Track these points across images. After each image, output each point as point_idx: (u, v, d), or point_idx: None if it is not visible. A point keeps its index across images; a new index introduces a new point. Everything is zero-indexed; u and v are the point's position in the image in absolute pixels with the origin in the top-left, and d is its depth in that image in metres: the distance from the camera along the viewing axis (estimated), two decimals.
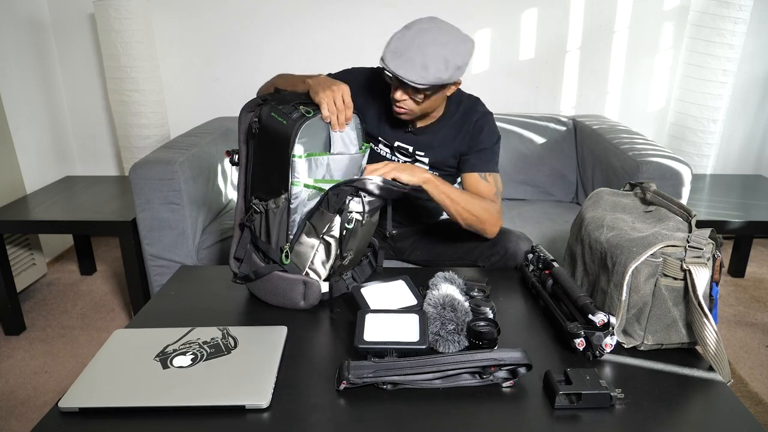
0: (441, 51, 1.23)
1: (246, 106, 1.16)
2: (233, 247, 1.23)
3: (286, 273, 1.14)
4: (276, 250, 1.15)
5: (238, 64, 2.66)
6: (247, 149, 1.17)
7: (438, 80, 1.24)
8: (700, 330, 0.95)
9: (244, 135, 1.16)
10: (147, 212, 1.82)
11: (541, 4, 2.55)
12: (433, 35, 1.24)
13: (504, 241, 1.46)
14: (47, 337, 2.06)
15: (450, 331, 0.98)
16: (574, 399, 0.85)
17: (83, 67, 2.69)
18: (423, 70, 1.22)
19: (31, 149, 2.51)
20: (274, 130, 1.09)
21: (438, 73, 1.23)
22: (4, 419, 1.64)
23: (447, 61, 1.24)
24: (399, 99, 1.32)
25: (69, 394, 0.86)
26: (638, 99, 2.71)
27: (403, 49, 1.23)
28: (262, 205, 1.14)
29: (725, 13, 2.32)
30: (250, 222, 1.17)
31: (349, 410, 0.86)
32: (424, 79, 1.23)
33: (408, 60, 1.22)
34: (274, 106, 1.11)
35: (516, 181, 2.35)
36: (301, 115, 1.08)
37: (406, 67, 1.22)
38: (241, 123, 1.16)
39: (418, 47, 1.23)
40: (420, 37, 1.24)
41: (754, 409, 1.68)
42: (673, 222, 1.04)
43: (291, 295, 1.14)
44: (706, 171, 2.56)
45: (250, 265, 1.18)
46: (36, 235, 2.40)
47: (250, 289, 1.21)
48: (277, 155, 1.09)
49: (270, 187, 1.13)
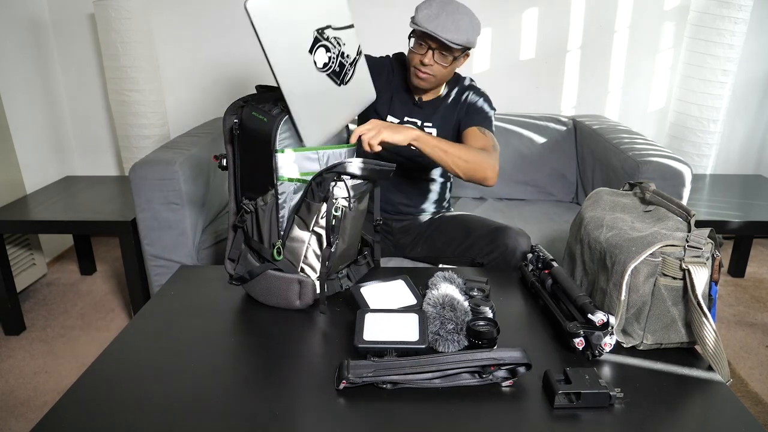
0: (466, 17, 1.41)
1: (229, 109, 1.16)
2: (227, 248, 1.23)
3: (281, 272, 1.14)
4: (268, 248, 1.15)
5: (238, 64, 2.66)
6: (233, 151, 1.17)
7: (468, 41, 1.42)
8: (699, 329, 0.95)
9: (228, 137, 1.17)
10: (147, 212, 1.82)
11: (541, 4, 2.55)
12: (455, 6, 1.42)
13: (503, 237, 1.47)
14: (47, 337, 2.06)
15: (449, 330, 0.98)
16: (573, 398, 0.85)
17: (83, 67, 2.69)
18: (457, 31, 1.39)
19: (31, 149, 2.51)
20: (255, 128, 1.10)
21: (468, 34, 1.41)
22: (4, 419, 1.64)
23: (473, 26, 1.42)
24: (428, 63, 1.45)
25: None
26: (638, 99, 2.70)
27: (434, 15, 1.39)
28: (251, 205, 1.14)
29: (725, 13, 2.32)
30: (242, 222, 1.17)
31: (349, 410, 0.86)
32: (459, 38, 1.40)
33: (442, 23, 1.38)
34: (254, 106, 1.11)
35: (516, 181, 2.35)
36: (281, 110, 1.09)
37: (442, 28, 1.38)
38: (225, 125, 1.17)
39: (448, 14, 1.39)
40: (447, 7, 1.40)
41: (754, 409, 1.67)
42: (672, 222, 1.04)
43: (287, 294, 1.14)
44: (706, 171, 2.56)
45: (245, 265, 1.18)
46: (36, 235, 2.40)
47: (247, 290, 1.21)
48: (260, 153, 1.10)
49: (257, 186, 1.13)
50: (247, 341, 1.06)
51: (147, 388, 0.91)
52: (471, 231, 1.56)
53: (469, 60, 2.61)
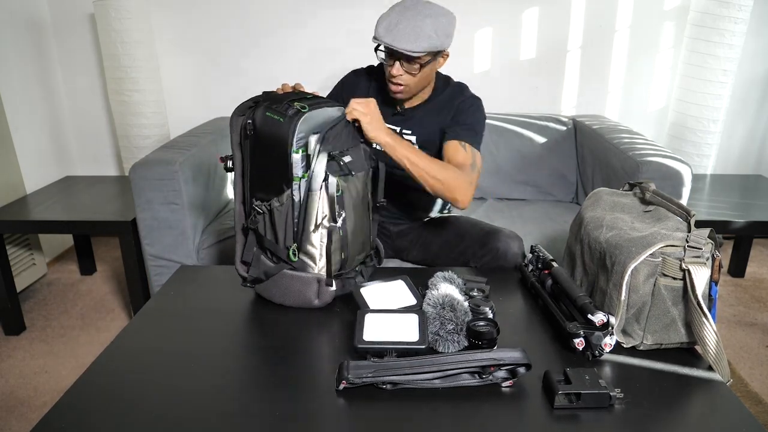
0: (427, 21, 1.35)
1: (237, 110, 1.16)
2: (238, 252, 1.22)
3: (298, 272, 1.13)
4: (284, 248, 1.14)
5: (238, 64, 2.66)
6: (241, 152, 1.17)
7: (431, 46, 1.35)
8: (699, 329, 0.95)
9: (238, 139, 1.16)
10: (147, 212, 1.82)
11: (541, 4, 2.55)
12: (417, 10, 1.36)
13: (494, 240, 1.47)
14: (47, 337, 2.06)
15: (449, 330, 0.98)
16: (573, 399, 0.85)
17: (83, 67, 2.69)
18: (415, 39, 1.33)
19: (31, 149, 2.51)
20: (271, 128, 1.10)
21: (429, 40, 1.35)
22: (4, 419, 1.64)
23: (435, 29, 1.36)
24: (395, 74, 1.40)
25: None
26: (638, 99, 2.70)
27: (393, 24, 1.35)
28: (264, 206, 1.14)
29: (725, 13, 2.32)
30: (254, 224, 1.17)
31: (349, 410, 0.86)
32: (418, 46, 1.34)
33: (399, 32, 1.33)
34: (268, 106, 1.11)
35: (516, 181, 2.35)
36: (296, 111, 1.09)
37: (399, 39, 1.33)
38: (233, 127, 1.16)
39: (408, 20, 1.34)
40: (406, 13, 1.35)
41: (754, 409, 1.67)
42: (672, 222, 1.04)
43: (305, 294, 1.13)
44: (706, 171, 2.56)
45: (259, 267, 1.17)
46: (36, 235, 2.40)
47: (259, 292, 1.19)
48: (276, 153, 1.09)
49: (271, 186, 1.13)
50: (247, 341, 1.06)
51: (147, 388, 0.91)
52: (464, 234, 1.55)
53: (470, 60, 2.62)
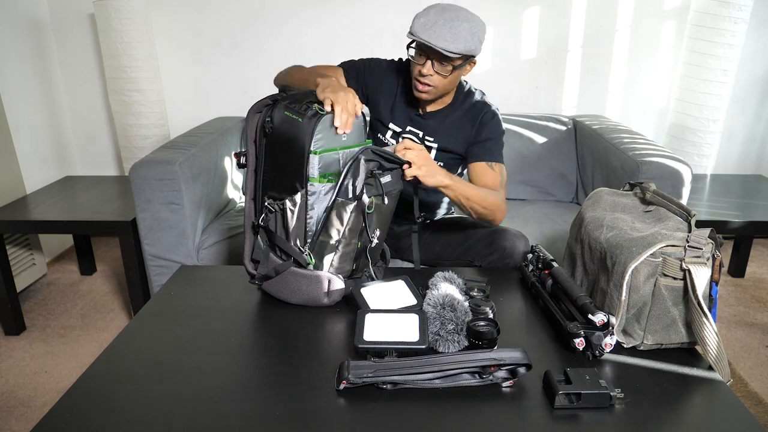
0: (465, 24, 1.35)
1: (254, 107, 1.16)
2: (247, 250, 1.22)
3: (308, 270, 1.14)
4: (296, 248, 1.14)
5: (238, 64, 2.66)
6: (256, 149, 1.17)
7: (467, 49, 1.35)
8: (700, 330, 0.95)
9: (254, 135, 1.16)
10: (147, 212, 1.82)
11: (541, 4, 2.55)
12: (455, 12, 1.36)
13: (500, 239, 1.47)
14: (47, 337, 2.06)
15: (450, 330, 0.98)
16: (573, 399, 0.85)
17: (83, 67, 2.69)
18: (453, 40, 1.33)
19: (31, 149, 2.51)
20: (289, 128, 1.10)
21: (466, 42, 1.34)
22: (4, 419, 1.64)
23: (472, 33, 1.35)
24: (426, 73, 1.39)
25: None
26: (638, 99, 2.70)
27: (431, 23, 1.34)
28: (277, 205, 1.14)
29: (725, 13, 2.32)
30: (266, 222, 1.17)
31: (349, 410, 0.86)
32: (455, 47, 1.33)
33: (438, 32, 1.33)
34: (287, 105, 1.12)
35: (516, 181, 2.35)
36: (315, 113, 1.10)
37: (437, 37, 1.32)
38: (250, 124, 1.16)
39: (445, 21, 1.33)
40: (444, 14, 1.35)
41: (754, 409, 1.67)
42: (672, 222, 1.04)
43: (315, 292, 1.13)
44: (706, 171, 2.56)
45: (267, 264, 1.17)
46: (36, 235, 2.40)
47: (267, 290, 1.19)
48: (292, 153, 1.10)
49: (284, 186, 1.13)
50: (247, 341, 1.06)
51: (147, 388, 0.91)
52: (469, 234, 1.56)
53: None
